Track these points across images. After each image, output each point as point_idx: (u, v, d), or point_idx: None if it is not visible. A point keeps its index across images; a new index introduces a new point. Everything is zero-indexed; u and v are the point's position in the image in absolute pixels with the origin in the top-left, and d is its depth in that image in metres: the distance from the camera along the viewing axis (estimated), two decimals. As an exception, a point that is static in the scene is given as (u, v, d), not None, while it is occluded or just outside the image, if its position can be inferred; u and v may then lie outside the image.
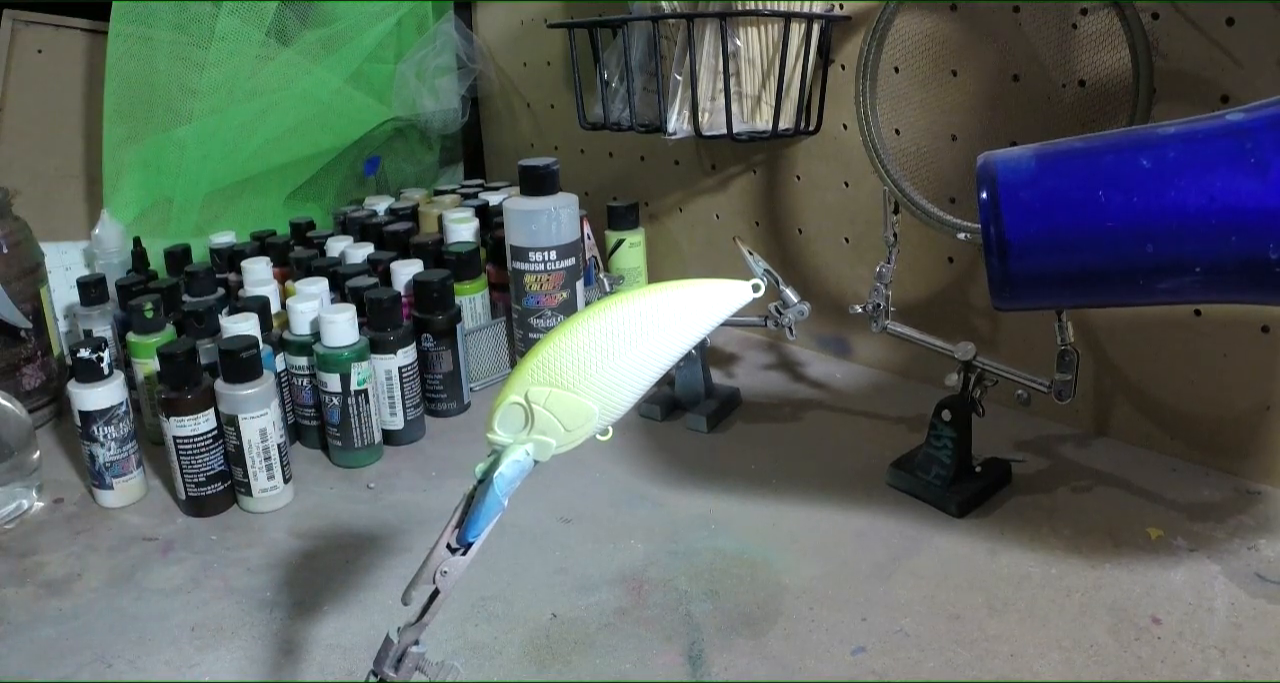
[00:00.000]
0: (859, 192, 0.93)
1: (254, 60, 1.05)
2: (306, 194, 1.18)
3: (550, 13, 1.14)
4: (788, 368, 0.99)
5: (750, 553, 0.67)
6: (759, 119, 0.88)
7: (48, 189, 1.14)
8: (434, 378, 0.89)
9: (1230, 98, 0.67)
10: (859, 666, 0.56)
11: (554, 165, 0.92)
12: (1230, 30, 0.66)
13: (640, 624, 0.60)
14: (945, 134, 0.83)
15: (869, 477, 0.76)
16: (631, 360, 0.41)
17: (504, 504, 0.41)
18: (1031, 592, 0.62)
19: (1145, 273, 0.48)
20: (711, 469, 0.79)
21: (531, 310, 0.93)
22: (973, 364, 0.71)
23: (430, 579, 0.42)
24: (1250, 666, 0.54)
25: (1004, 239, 0.50)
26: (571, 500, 0.75)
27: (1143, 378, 0.77)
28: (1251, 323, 0.70)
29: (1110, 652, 0.56)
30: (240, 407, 0.72)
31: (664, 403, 0.88)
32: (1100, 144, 0.50)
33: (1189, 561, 0.64)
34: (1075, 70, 0.74)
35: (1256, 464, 0.72)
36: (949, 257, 0.87)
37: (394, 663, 0.44)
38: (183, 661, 0.59)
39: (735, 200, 1.04)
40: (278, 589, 0.65)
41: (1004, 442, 0.80)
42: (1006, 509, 0.71)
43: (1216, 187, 0.46)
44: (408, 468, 0.82)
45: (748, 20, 0.84)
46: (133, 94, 1.03)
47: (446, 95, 1.23)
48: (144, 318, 0.81)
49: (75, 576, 0.68)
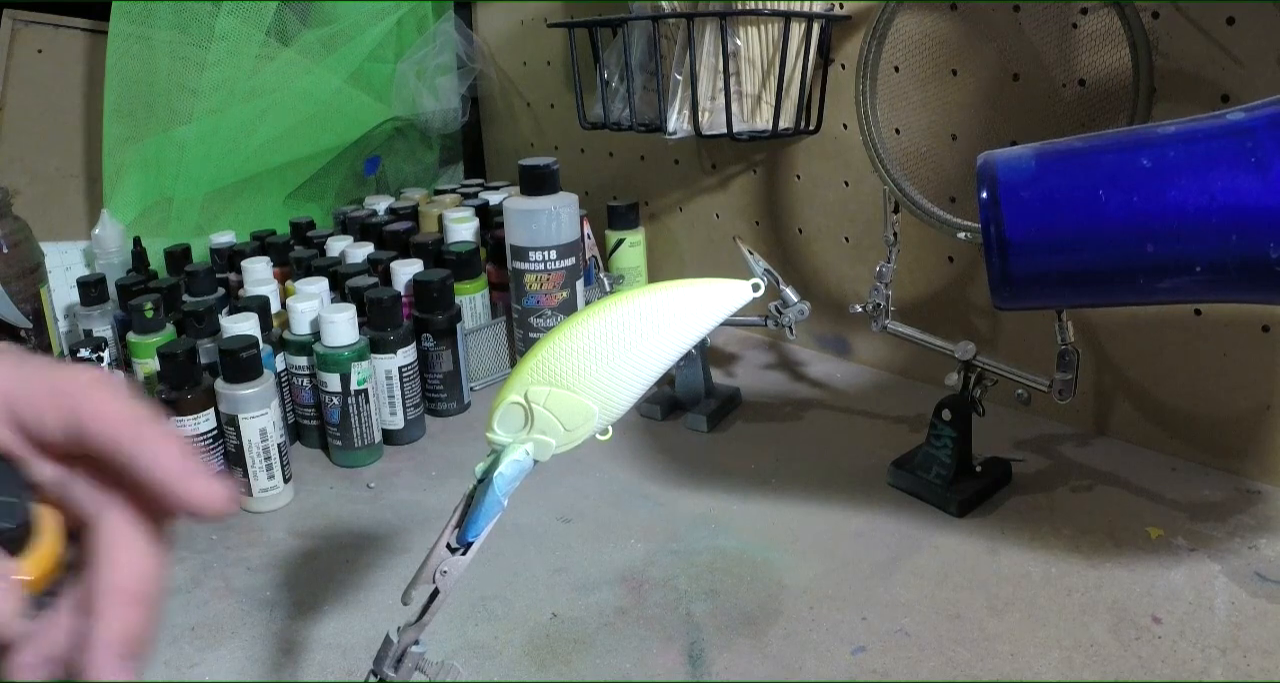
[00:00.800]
0: (859, 191, 0.93)
1: (254, 60, 1.05)
2: (306, 194, 1.18)
3: (550, 12, 1.14)
4: (788, 367, 0.99)
5: (750, 552, 0.67)
6: (759, 118, 0.88)
7: (48, 189, 1.14)
8: (434, 378, 0.89)
9: (1231, 97, 0.67)
10: (859, 665, 0.56)
11: (554, 165, 0.92)
12: (1231, 29, 0.66)
13: (640, 624, 0.60)
14: (945, 133, 0.83)
15: (869, 476, 0.76)
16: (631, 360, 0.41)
17: (504, 504, 0.41)
18: (1032, 591, 0.62)
19: (1145, 272, 0.48)
20: (712, 469, 0.79)
21: (531, 310, 0.93)
22: (973, 364, 0.71)
23: (430, 579, 0.42)
24: (1251, 665, 0.54)
25: (1004, 238, 0.50)
26: (571, 500, 0.75)
27: (1143, 377, 0.77)
28: (1252, 322, 0.70)
29: (1110, 651, 0.56)
30: (240, 407, 0.72)
31: (664, 403, 0.88)
32: (1100, 143, 0.50)
33: (1189, 560, 0.64)
34: (1075, 70, 0.74)
35: (1257, 463, 0.72)
36: (949, 256, 0.87)
37: (394, 663, 0.44)
38: (183, 661, 0.59)
39: (735, 200, 1.04)
40: (278, 589, 0.65)
41: (1004, 441, 0.79)
42: (1007, 509, 0.71)
43: (1217, 186, 0.46)
44: (408, 468, 0.82)
45: (748, 20, 0.84)
46: (133, 94, 1.03)
47: (446, 95, 1.23)
48: (144, 318, 0.81)
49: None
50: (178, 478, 0.33)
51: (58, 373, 0.33)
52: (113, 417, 0.32)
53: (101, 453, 0.33)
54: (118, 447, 0.32)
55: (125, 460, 0.32)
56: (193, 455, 0.34)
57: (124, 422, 0.33)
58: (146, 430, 0.33)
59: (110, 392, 0.33)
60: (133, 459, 0.32)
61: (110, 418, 0.32)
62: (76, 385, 0.33)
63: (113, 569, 0.33)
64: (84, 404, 0.32)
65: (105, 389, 0.33)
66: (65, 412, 0.32)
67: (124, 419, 0.33)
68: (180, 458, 0.33)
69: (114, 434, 0.32)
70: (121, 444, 0.32)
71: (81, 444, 0.33)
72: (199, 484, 0.33)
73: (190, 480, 0.33)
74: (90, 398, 0.32)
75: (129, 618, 0.33)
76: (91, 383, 0.33)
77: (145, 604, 0.33)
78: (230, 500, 0.34)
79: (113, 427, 0.32)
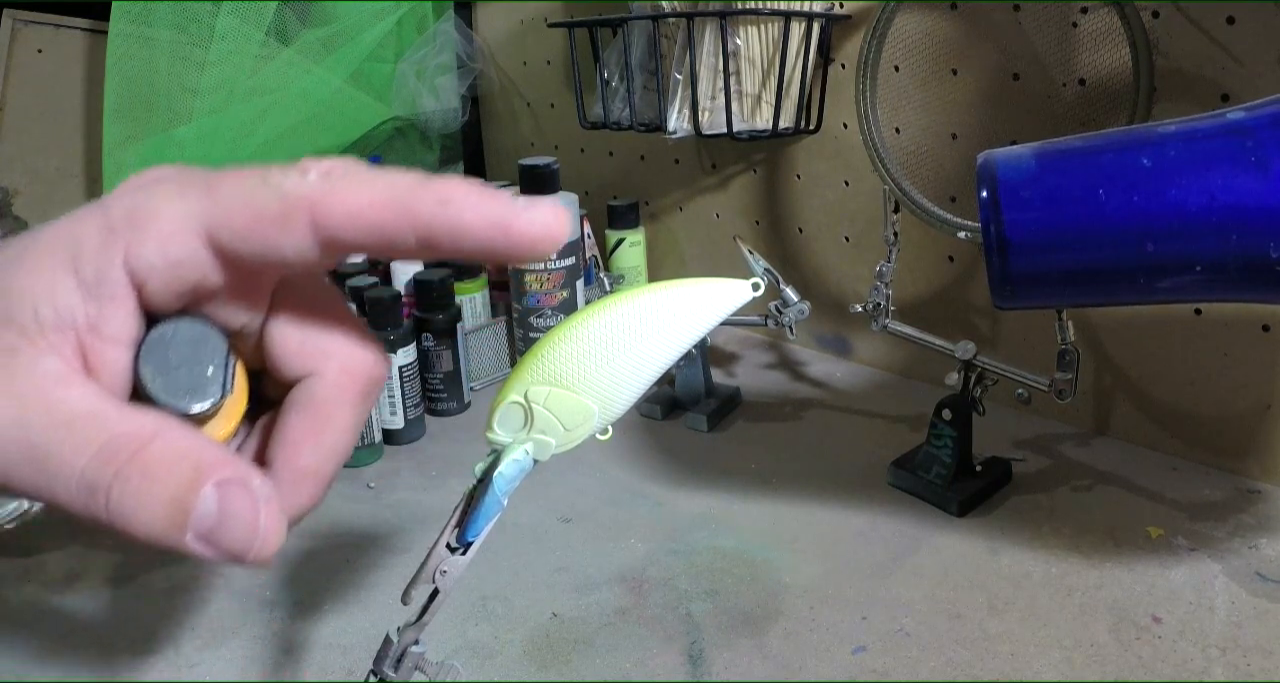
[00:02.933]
0: (859, 190, 0.92)
1: (254, 60, 1.05)
2: (306, 194, 1.18)
3: (550, 12, 1.14)
4: (788, 367, 0.99)
5: (750, 552, 0.67)
6: (759, 118, 0.88)
7: (48, 189, 1.14)
8: (434, 377, 0.89)
9: (1231, 96, 0.67)
10: (859, 665, 0.56)
11: (554, 165, 0.92)
12: (1231, 29, 0.66)
13: (640, 624, 0.60)
14: (945, 133, 0.83)
15: (869, 476, 0.76)
16: (631, 359, 0.41)
17: (504, 504, 0.41)
18: (1032, 591, 0.62)
19: (1145, 271, 0.48)
20: (712, 468, 0.79)
21: (531, 310, 0.93)
22: (973, 363, 0.71)
23: (430, 579, 0.42)
24: (1251, 665, 0.54)
25: (1004, 237, 0.50)
26: (571, 500, 0.74)
27: (1143, 377, 0.77)
28: (1252, 322, 0.70)
29: (1111, 651, 0.56)
30: (240, 406, 0.72)
31: (664, 402, 0.88)
32: (1100, 142, 0.50)
33: (1190, 560, 0.64)
34: (1075, 69, 0.74)
35: (1257, 463, 0.72)
36: (949, 255, 0.87)
37: (394, 663, 0.44)
38: (183, 661, 0.59)
39: (735, 199, 1.04)
40: (278, 589, 0.65)
41: (1004, 441, 0.79)
42: (1007, 508, 0.71)
43: (1217, 185, 0.45)
44: (408, 467, 0.82)
45: (748, 19, 0.84)
46: (133, 94, 1.03)
47: (446, 95, 1.23)
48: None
49: (75, 575, 0.68)
50: (505, 218, 0.28)
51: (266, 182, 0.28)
52: (370, 202, 0.27)
53: (381, 241, 0.28)
54: (413, 222, 0.27)
55: (423, 233, 0.27)
56: (492, 191, 0.28)
57: (393, 199, 0.27)
58: (427, 193, 0.28)
59: (353, 182, 0.28)
60: (432, 227, 0.27)
61: (368, 203, 0.27)
62: (310, 190, 0.28)
63: (314, 448, 0.30)
64: (331, 205, 0.27)
65: (345, 182, 0.28)
66: (302, 225, 0.27)
67: (391, 197, 0.27)
68: (489, 198, 0.28)
69: (395, 215, 0.27)
70: (415, 216, 0.27)
71: (344, 246, 0.28)
72: (528, 218, 0.28)
73: (518, 218, 0.28)
74: (336, 194, 0.28)
75: (315, 496, 0.30)
76: (325, 177, 0.28)
77: (328, 484, 0.30)
78: (563, 224, 0.29)
79: (380, 210, 0.27)
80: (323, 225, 0.27)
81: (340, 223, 0.27)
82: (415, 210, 0.27)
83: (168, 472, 0.26)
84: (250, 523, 0.27)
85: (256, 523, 0.28)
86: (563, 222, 0.29)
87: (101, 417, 0.27)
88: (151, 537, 0.27)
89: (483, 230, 0.28)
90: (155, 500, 0.26)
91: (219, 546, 0.27)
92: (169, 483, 0.26)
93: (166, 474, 0.26)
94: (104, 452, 0.26)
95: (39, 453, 0.26)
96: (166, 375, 0.29)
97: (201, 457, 0.27)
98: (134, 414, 0.27)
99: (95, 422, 0.27)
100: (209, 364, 0.29)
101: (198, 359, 0.29)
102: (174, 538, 0.27)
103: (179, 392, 0.29)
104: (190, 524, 0.27)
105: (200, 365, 0.29)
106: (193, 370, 0.29)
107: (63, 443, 0.26)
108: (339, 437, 0.31)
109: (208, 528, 0.27)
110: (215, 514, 0.27)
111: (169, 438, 0.27)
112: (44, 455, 0.26)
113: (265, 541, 0.28)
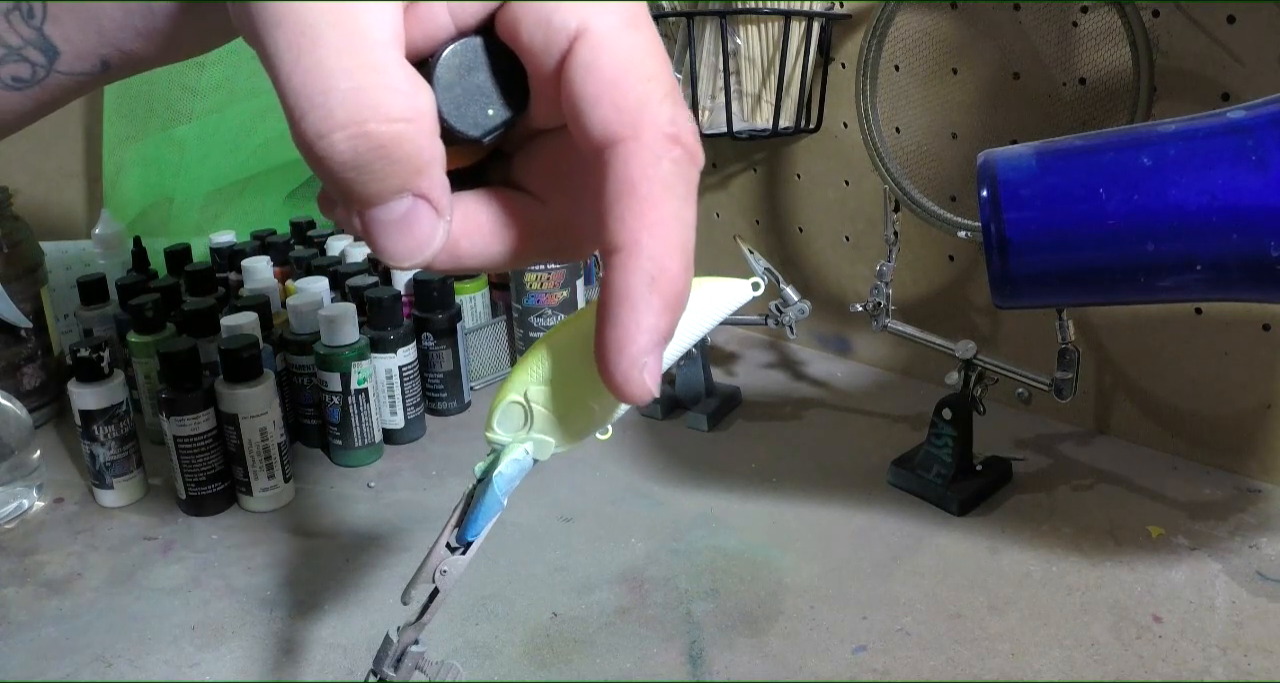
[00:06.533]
0: (859, 190, 0.92)
1: (254, 59, 1.05)
2: (307, 193, 1.18)
3: (550, 11, 1.14)
4: (788, 367, 0.99)
5: (751, 552, 0.67)
6: (759, 117, 0.88)
7: (48, 189, 1.14)
8: (434, 377, 0.89)
9: (1231, 95, 0.67)
10: (860, 664, 0.56)
11: (554, 164, 0.92)
12: (1231, 28, 0.66)
13: (641, 623, 0.60)
14: (945, 132, 0.83)
15: (870, 475, 0.76)
16: (631, 359, 0.41)
17: (504, 503, 0.41)
18: (1032, 590, 0.62)
19: (1146, 271, 0.48)
20: (712, 468, 0.79)
21: (531, 309, 0.93)
22: (973, 362, 0.71)
23: (430, 579, 0.42)
24: (1251, 664, 0.54)
25: (1004, 237, 0.50)
26: (572, 499, 0.74)
27: (1143, 376, 0.77)
28: (1252, 321, 0.70)
29: (1111, 650, 0.56)
30: (240, 406, 0.72)
31: (664, 401, 0.88)
32: (1101, 142, 0.50)
33: (1190, 559, 0.64)
34: (1076, 68, 0.74)
35: (1257, 462, 0.72)
36: (949, 255, 0.87)
37: (394, 663, 0.44)
38: (183, 660, 0.59)
39: (735, 199, 1.04)
40: (278, 589, 0.65)
41: (1005, 440, 0.79)
42: (1007, 508, 0.71)
43: (1217, 184, 0.45)
44: (408, 467, 0.82)
45: (748, 18, 0.84)
46: (133, 93, 1.03)
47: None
48: (144, 318, 0.81)
49: (76, 575, 0.68)
50: (614, 353, 0.25)
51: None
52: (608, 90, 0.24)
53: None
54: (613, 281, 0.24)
55: (602, 301, 0.25)
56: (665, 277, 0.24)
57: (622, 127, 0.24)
58: (650, 287, 0.24)
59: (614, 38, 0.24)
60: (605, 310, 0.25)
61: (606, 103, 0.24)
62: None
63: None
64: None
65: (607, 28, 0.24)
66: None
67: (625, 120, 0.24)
68: (635, 333, 0.25)
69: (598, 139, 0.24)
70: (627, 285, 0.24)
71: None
72: (625, 373, 0.25)
73: (620, 362, 0.25)
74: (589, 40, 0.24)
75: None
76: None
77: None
78: (648, 393, 0.26)
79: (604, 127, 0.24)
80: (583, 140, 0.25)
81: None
82: (631, 282, 0.25)
83: (402, 153, 0.24)
84: (421, 242, 0.26)
85: (427, 245, 0.26)
86: (652, 385, 0.26)
87: (392, 77, 0.25)
88: (333, 174, 0.25)
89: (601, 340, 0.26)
90: (365, 171, 0.25)
91: (379, 234, 0.26)
92: (390, 170, 0.25)
93: (399, 154, 0.25)
94: (363, 103, 0.24)
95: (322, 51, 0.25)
96: (454, 89, 0.27)
97: (430, 157, 0.25)
98: (419, 96, 0.25)
99: (382, 73, 0.24)
100: (497, 88, 0.27)
101: (488, 80, 0.27)
102: (349, 200, 0.26)
103: (467, 112, 0.27)
104: (370, 209, 0.25)
105: (489, 90, 0.27)
106: (482, 90, 0.27)
107: (343, 70, 0.24)
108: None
109: (381, 220, 0.26)
110: (399, 220, 0.25)
111: (421, 126, 0.25)
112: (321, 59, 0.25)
113: (424, 249, 0.26)
